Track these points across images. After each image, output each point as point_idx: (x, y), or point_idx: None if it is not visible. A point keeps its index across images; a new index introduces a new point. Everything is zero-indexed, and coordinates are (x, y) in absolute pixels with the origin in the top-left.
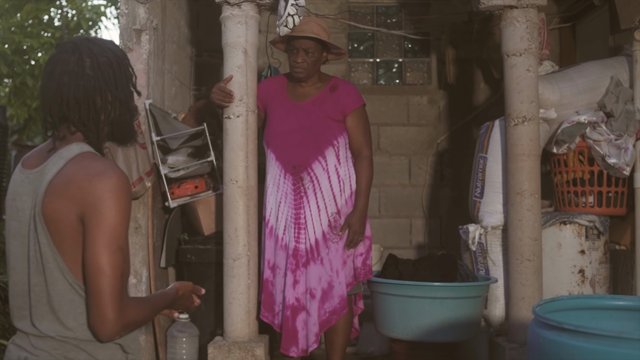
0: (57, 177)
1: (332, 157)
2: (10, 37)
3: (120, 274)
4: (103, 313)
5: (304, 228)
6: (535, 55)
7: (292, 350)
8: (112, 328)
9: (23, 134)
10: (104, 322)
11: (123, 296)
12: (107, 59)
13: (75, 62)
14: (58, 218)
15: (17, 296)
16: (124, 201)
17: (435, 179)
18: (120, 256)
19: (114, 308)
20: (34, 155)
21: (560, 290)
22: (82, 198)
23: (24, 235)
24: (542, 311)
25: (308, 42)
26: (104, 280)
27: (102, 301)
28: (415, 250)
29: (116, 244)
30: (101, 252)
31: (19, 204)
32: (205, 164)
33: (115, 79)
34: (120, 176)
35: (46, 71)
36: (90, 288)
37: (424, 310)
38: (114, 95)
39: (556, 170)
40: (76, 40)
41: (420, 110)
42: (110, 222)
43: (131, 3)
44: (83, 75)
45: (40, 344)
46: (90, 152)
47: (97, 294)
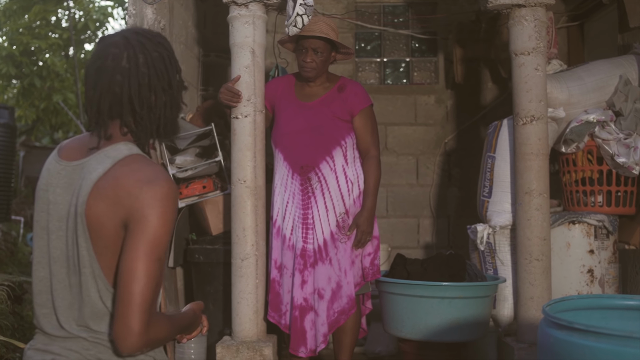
0: (104, 178)
1: (340, 157)
2: (19, 38)
3: (155, 284)
4: (129, 324)
5: (312, 228)
6: (543, 54)
7: (301, 351)
8: (135, 342)
9: (31, 134)
10: (128, 334)
11: (152, 310)
12: (159, 54)
13: (128, 58)
14: (102, 222)
15: (40, 293)
16: (171, 211)
17: (442, 179)
18: (158, 267)
19: (141, 320)
20: (73, 146)
21: (569, 290)
22: (129, 204)
23: (52, 230)
24: (552, 311)
25: (317, 42)
26: (137, 288)
27: (130, 310)
28: (423, 250)
29: (157, 254)
30: (140, 258)
31: (51, 196)
32: (213, 164)
33: (168, 75)
34: (170, 185)
35: (95, 66)
36: (121, 295)
37: (432, 310)
38: (166, 92)
39: (565, 169)
40: (126, 33)
41: (428, 110)
42: (155, 230)
43: (139, 4)
44: (137, 74)
45: (70, 344)
46: (139, 155)
47: (127, 302)
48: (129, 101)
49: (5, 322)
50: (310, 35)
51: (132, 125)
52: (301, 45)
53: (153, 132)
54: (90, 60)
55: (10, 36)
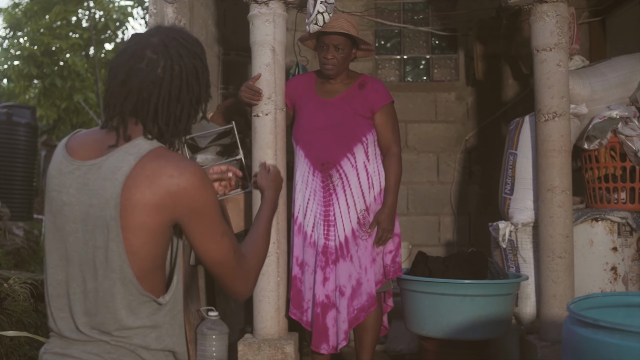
0: (132, 177)
1: (361, 154)
2: (40, 38)
3: (232, 254)
4: (236, 291)
5: (333, 225)
6: (565, 49)
7: (323, 348)
8: (247, 293)
9: (52, 134)
10: (237, 295)
11: (242, 266)
12: (193, 67)
13: (164, 68)
14: (143, 222)
15: (56, 297)
16: (211, 191)
17: (463, 176)
18: (226, 240)
19: (240, 283)
20: (83, 143)
21: (592, 287)
22: (173, 203)
23: (69, 232)
24: (577, 308)
25: (338, 38)
26: (222, 269)
27: (229, 284)
28: (444, 247)
29: (220, 232)
30: (210, 247)
31: (65, 197)
32: (234, 163)
33: (198, 90)
34: (198, 169)
35: (127, 64)
36: (215, 276)
37: (454, 307)
38: (193, 106)
39: (587, 166)
40: (166, 39)
41: (448, 107)
42: (208, 217)
43: (160, 3)
44: (170, 85)
45: (90, 347)
46: (161, 148)
47: (222, 280)
48: (154, 110)
49: (29, 319)
50: (332, 32)
51: (155, 132)
52: (322, 42)
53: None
54: (121, 55)
55: (31, 36)
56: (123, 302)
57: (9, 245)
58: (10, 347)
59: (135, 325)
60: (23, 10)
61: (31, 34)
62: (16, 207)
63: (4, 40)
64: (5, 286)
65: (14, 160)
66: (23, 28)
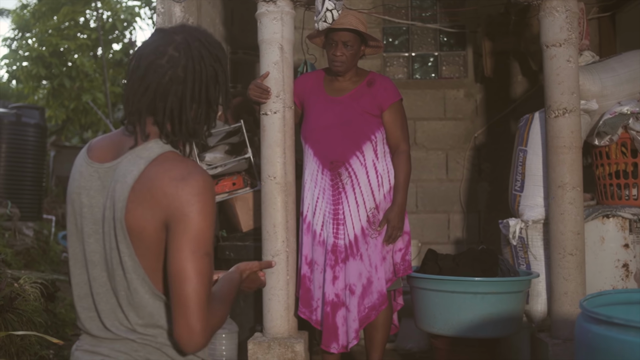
0: (139, 181)
1: (370, 152)
2: (48, 39)
3: (207, 280)
4: (190, 323)
5: (342, 224)
6: (575, 45)
7: (333, 347)
8: (198, 339)
9: (61, 134)
10: (191, 333)
11: (209, 305)
12: (213, 70)
13: (184, 68)
14: (142, 226)
15: (82, 297)
16: (210, 204)
17: (472, 174)
18: (207, 262)
19: (200, 317)
20: (103, 146)
21: (603, 285)
22: (167, 204)
23: (89, 234)
24: (589, 306)
25: (347, 35)
26: (190, 287)
27: (188, 310)
28: (454, 245)
29: (204, 249)
30: (188, 257)
31: (85, 199)
32: (243, 161)
33: (216, 94)
34: (205, 178)
35: (148, 59)
36: (175, 296)
37: (464, 305)
38: (209, 109)
39: (598, 162)
40: (190, 38)
41: (457, 104)
42: (198, 226)
43: (167, 2)
44: (190, 86)
45: (118, 345)
46: (171, 152)
47: (183, 303)
48: (170, 108)
49: (39, 319)
50: (340, 28)
51: (169, 132)
52: (331, 39)
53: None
54: (144, 49)
55: (39, 37)
56: (144, 300)
57: (19, 246)
58: (20, 347)
59: (158, 324)
60: (31, 12)
61: (39, 35)
62: (26, 207)
63: (12, 42)
64: (16, 286)
65: (24, 161)
66: (31, 29)
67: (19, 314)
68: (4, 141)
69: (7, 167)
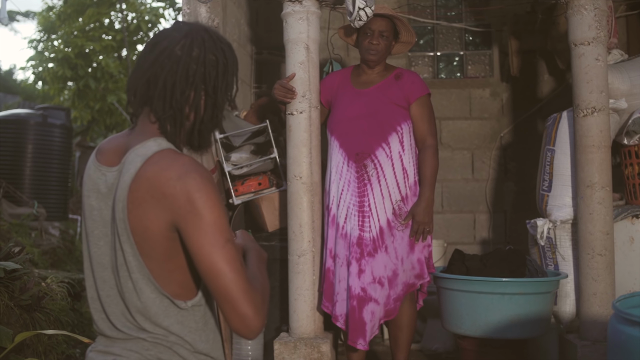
0: (136, 180)
1: (396, 144)
2: (73, 41)
3: (239, 265)
4: (241, 313)
5: (368, 216)
6: (604, 43)
7: (360, 343)
8: (256, 324)
9: (86, 135)
10: (247, 322)
11: (250, 286)
12: (215, 58)
13: (182, 46)
14: (145, 226)
15: (94, 299)
16: (213, 195)
17: (499, 173)
18: (231, 248)
19: (249, 304)
20: (110, 149)
21: (633, 285)
22: (169, 205)
23: (99, 236)
24: (622, 307)
25: (384, 25)
26: (227, 280)
27: (235, 302)
28: (480, 245)
29: (223, 238)
30: (211, 252)
31: (93, 201)
32: (268, 161)
33: (215, 82)
34: (201, 174)
35: (152, 41)
36: (216, 292)
37: (492, 306)
38: (208, 98)
39: (627, 162)
40: (195, 25)
41: (483, 104)
42: (209, 219)
43: (193, 3)
44: (184, 63)
45: (130, 345)
46: (168, 150)
47: (227, 297)
48: (162, 86)
49: (66, 318)
50: (384, 14)
51: (159, 111)
52: (367, 29)
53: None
54: (153, 36)
55: (65, 39)
56: (150, 301)
57: (45, 245)
58: (48, 345)
59: (166, 324)
60: (57, 14)
61: (65, 36)
62: (52, 207)
63: (38, 44)
64: (43, 285)
65: (50, 161)
66: (57, 31)
67: (46, 313)
68: (30, 142)
69: (33, 167)
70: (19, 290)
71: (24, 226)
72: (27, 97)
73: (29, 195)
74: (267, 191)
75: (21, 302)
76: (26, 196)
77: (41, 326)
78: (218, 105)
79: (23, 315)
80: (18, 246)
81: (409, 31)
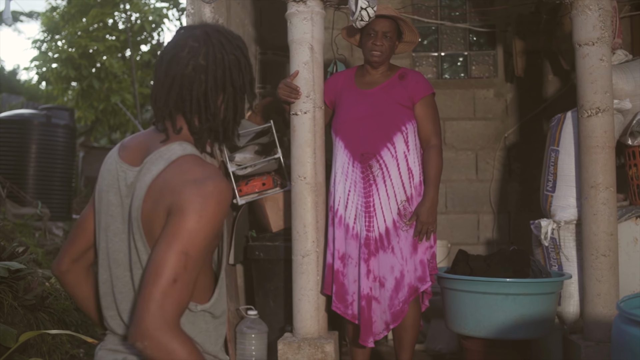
0: (156, 180)
1: (401, 144)
2: (77, 41)
3: (172, 279)
4: (144, 314)
5: (374, 216)
6: (608, 44)
7: (370, 341)
8: (141, 330)
9: (90, 135)
10: (142, 324)
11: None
12: (235, 57)
13: (205, 55)
14: (153, 223)
15: (105, 295)
16: (212, 210)
17: (503, 174)
18: (182, 261)
19: (159, 313)
20: (134, 147)
21: (636, 286)
22: (171, 200)
23: (115, 232)
24: (627, 307)
25: (388, 25)
26: (159, 282)
27: (148, 302)
28: (484, 246)
29: (183, 247)
30: (167, 251)
31: (112, 197)
32: (272, 161)
33: (241, 80)
34: (217, 184)
35: (170, 54)
36: (143, 284)
37: (496, 306)
38: (236, 97)
39: (631, 162)
40: (208, 29)
41: (487, 104)
42: (190, 225)
43: (197, 3)
44: (213, 72)
45: None
46: (193, 155)
47: (147, 293)
48: (196, 98)
49: (70, 318)
50: (387, 15)
51: (195, 124)
52: (371, 29)
53: (213, 133)
54: (166, 48)
55: (69, 39)
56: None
57: (49, 245)
58: (52, 345)
59: None
60: (61, 14)
61: (69, 37)
62: (55, 207)
63: (42, 44)
64: (47, 285)
65: (53, 161)
66: (61, 31)
67: (50, 313)
68: (34, 142)
69: (37, 167)
70: (23, 290)
71: (28, 226)
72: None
73: (32, 196)
74: (271, 191)
75: (25, 302)
76: (30, 196)
77: (45, 326)
78: (244, 99)
79: (27, 315)
80: (22, 246)
81: (412, 31)
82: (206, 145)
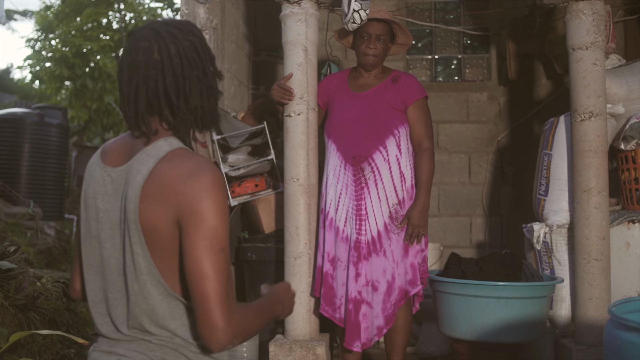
0: (149, 179)
1: (393, 147)
2: (71, 40)
3: (225, 277)
4: (211, 321)
5: (365, 219)
6: (602, 48)
7: (356, 345)
8: (223, 337)
9: (83, 135)
10: (214, 331)
11: (230, 302)
12: (190, 43)
13: (159, 50)
14: (155, 225)
15: (97, 303)
16: (221, 199)
17: (495, 177)
18: (223, 258)
19: (222, 315)
20: (116, 149)
21: (628, 291)
22: (177, 201)
23: (106, 238)
24: (618, 312)
25: (381, 28)
26: (209, 285)
27: (209, 308)
28: (476, 249)
29: (218, 246)
30: (203, 255)
31: (100, 204)
32: (266, 163)
33: (202, 64)
34: (214, 174)
35: (127, 62)
36: (195, 295)
37: (488, 310)
38: (202, 81)
39: (624, 167)
40: (154, 25)
41: (480, 107)
42: (210, 222)
43: (191, 3)
44: (171, 65)
45: (135, 346)
46: (180, 149)
47: (203, 301)
48: (164, 93)
49: (61, 318)
50: (378, 18)
51: (170, 119)
52: (364, 32)
53: (192, 122)
54: (122, 57)
55: (62, 39)
56: (157, 303)
57: (41, 245)
58: (43, 345)
59: (173, 327)
60: (55, 13)
61: (63, 36)
62: (48, 207)
63: (36, 43)
64: (38, 285)
65: (46, 161)
66: (55, 30)
67: (41, 312)
68: (27, 141)
69: (29, 167)
70: (14, 290)
71: (20, 225)
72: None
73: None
74: (264, 193)
75: (16, 301)
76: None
77: (36, 326)
78: (211, 80)
79: (18, 314)
80: (13, 245)
81: (405, 33)
82: (191, 135)
